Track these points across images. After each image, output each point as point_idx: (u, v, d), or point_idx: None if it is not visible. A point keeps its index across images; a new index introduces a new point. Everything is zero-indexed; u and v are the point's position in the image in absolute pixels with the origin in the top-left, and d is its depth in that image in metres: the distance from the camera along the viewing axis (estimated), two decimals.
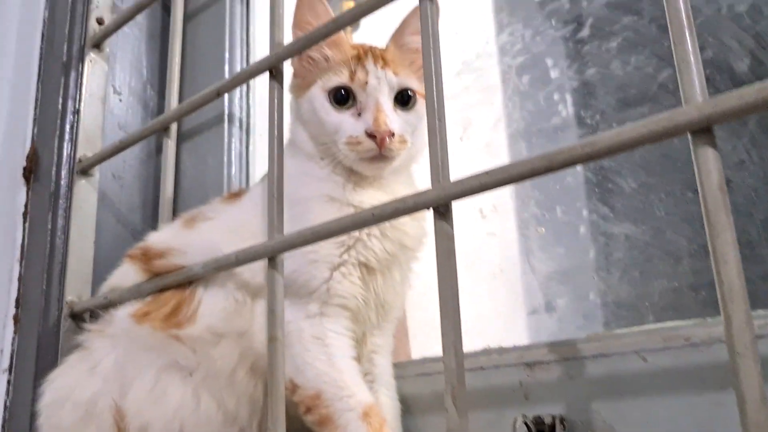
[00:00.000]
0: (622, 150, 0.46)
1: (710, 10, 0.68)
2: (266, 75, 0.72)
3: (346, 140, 0.71)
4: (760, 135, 0.69)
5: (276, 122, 0.70)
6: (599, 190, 0.76)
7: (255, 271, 0.72)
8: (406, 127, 0.74)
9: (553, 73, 0.78)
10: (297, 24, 0.77)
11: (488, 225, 0.88)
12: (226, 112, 1.06)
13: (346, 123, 0.72)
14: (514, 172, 0.51)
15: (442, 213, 0.55)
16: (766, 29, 0.64)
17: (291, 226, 0.67)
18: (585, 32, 0.75)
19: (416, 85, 0.76)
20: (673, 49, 0.44)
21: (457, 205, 0.55)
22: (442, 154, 0.56)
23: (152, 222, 1.07)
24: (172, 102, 0.90)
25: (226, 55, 1.10)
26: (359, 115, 0.72)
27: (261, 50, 1.12)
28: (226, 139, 1.06)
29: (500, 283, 0.82)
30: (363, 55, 0.75)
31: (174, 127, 0.89)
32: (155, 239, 0.81)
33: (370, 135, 0.70)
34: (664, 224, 0.68)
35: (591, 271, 0.72)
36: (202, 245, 0.76)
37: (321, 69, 0.77)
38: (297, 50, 0.71)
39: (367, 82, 0.73)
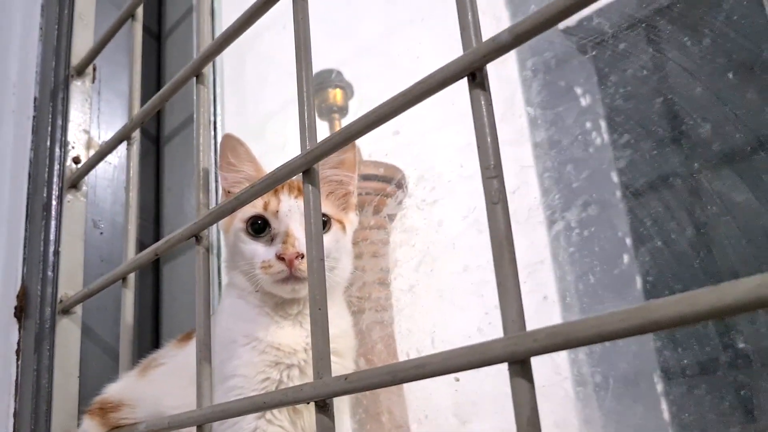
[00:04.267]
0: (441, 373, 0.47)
1: None
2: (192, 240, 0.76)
3: (260, 265, 0.76)
4: None
5: (202, 290, 0.73)
6: None
7: None
8: None
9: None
10: (221, 166, 0.85)
11: None
12: None
13: (260, 250, 0.77)
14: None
15: (321, 407, 0.57)
16: None
17: (219, 372, 0.74)
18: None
19: (332, 211, 0.81)
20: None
21: None
22: (322, 340, 0.58)
23: (139, 346, 1.13)
24: (129, 251, 0.94)
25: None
26: (272, 241, 0.77)
27: None
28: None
29: None
30: (280, 187, 0.80)
31: (131, 277, 0.94)
32: (111, 390, 0.85)
33: (280, 257, 0.74)
34: None
35: None
36: (148, 398, 0.80)
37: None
38: (219, 216, 0.75)
39: (278, 210, 0.77)
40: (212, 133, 1.17)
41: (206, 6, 0.86)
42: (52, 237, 1.07)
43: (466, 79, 0.50)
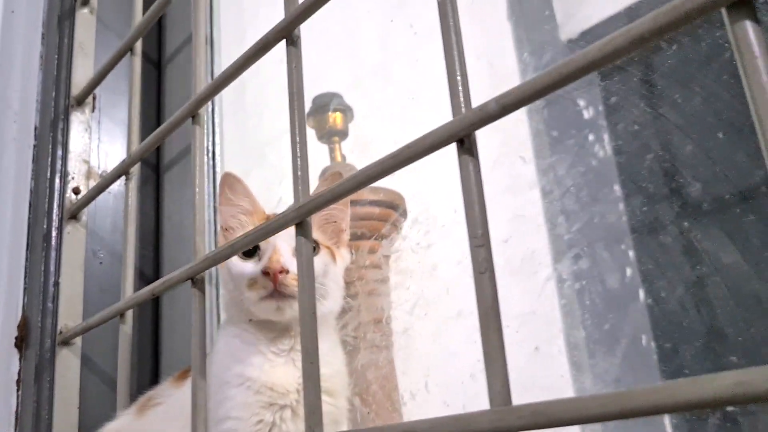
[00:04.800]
0: None
1: None
2: (188, 283, 0.77)
3: (247, 283, 0.77)
4: None
5: (198, 333, 0.74)
6: None
7: None
8: None
9: None
10: (220, 202, 0.87)
11: None
12: None
13: (248, 268, 0.78)
14: None
15: None
16: None
17: (214, 414, 0.74)
18: None
19: (321, 238, 0.83)
20: None
21: None
22: (314, 393, 0.58)
23: (139, 374, 1.14)
24: (127, 288, 0.95)
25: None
26: (260, 260, 0.78)
27: None
28: None
29: None
30: (273, 216, 0.81)
31: (129, 313, 0.94)
32: (110, 429, 0.86)
33: (265, 272, 0.75)
34: None
35: None
36: None
37: (238, 232, 0.85)
38: (215, 262, 0.75)
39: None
40: (211, 162, 1.18)
41: (202, 44, 0.86)
42: (52, 268, 1.08)
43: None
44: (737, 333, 0.58)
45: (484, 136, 0.53)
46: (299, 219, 0.63)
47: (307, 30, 0.71)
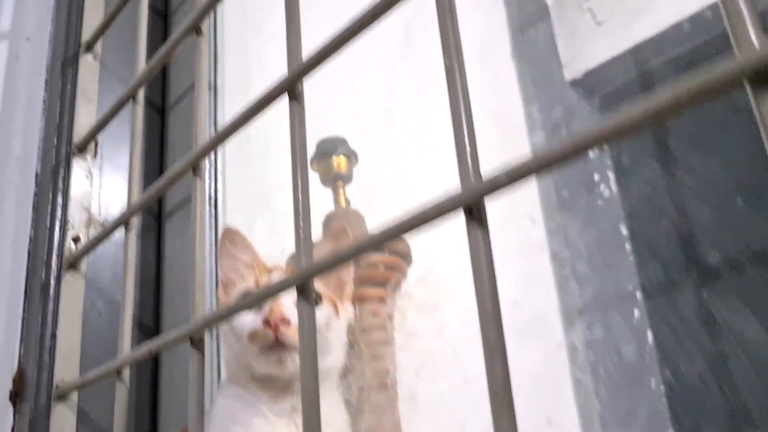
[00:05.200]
0: None
1: None
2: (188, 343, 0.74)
3: (248, 335, 0.76)
4: None
5: (195, 396, 0.71)
6: None
7: None
8: None
9: None
10: (222, 255, 0.86)
11: None
12: None
13: (249, 319, 0.77)
14: None
15: None
16: None
17: None
18: None
19: (323, 291, 0.82)
20: None
21: None
22: None
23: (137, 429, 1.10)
24: (125, 344, 0.92)
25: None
26: (260, 310, 0.77)
27: None
28: None
29: None
30: (273, 269, 0.83)
31: (126, 370, 0.92)
32: None
33: (266, 322, 0.75)
34: None
35: None
36: None
37: (239, 285, 0.84)
38: (215, 321, 0.73)
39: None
40: (213, 211, 1.16)
41: (203, 95, 0.85)
42: (49, 319, 1.05)
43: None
44: (761, 410, 0.55)
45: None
46: (300, 282, 0.61)
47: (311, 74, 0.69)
